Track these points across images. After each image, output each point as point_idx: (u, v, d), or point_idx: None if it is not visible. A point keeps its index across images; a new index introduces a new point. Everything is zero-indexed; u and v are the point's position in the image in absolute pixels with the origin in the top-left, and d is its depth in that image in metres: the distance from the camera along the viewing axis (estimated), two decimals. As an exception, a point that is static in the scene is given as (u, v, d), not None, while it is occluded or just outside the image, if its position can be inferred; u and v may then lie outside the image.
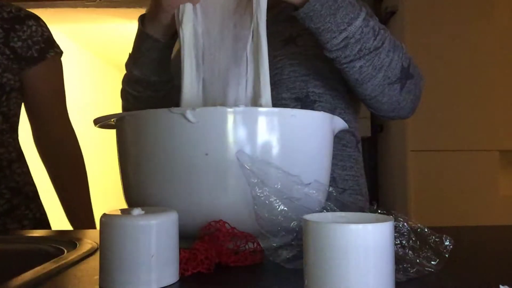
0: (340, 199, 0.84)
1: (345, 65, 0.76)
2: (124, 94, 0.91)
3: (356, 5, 0.75)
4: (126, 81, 0.88)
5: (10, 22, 1.05)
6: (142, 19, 0.83)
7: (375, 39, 0.75)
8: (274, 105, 0.86)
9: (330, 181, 0.86)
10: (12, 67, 1.04)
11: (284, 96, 0.87)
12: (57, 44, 1.13)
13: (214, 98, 0.70)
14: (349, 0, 0.74)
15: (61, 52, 1.14)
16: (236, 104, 0.65)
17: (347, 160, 0.91)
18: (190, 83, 0.70)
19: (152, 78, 0.84)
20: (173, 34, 0.82)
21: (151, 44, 0.80)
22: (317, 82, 0.87)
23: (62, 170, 1.15)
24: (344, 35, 0.73)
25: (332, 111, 0.88)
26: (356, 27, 0.73)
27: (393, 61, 0.77)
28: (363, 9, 0.75)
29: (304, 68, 0.88)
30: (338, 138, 0.89)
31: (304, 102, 0.87)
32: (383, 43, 0.76)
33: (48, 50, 1.09)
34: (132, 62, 0.85)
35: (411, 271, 0.47)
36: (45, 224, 1.11)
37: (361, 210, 0.91)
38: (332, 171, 0.88)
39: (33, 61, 1.06)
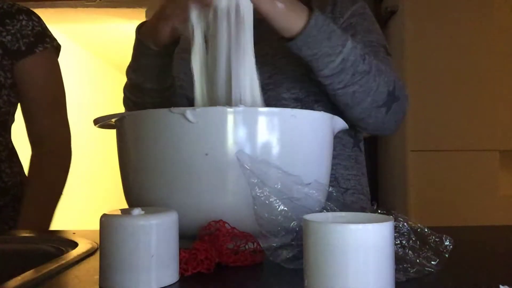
0: (341, 199, 0.85)
1: (339, 91, 0.77)
2: (126, 100, 0.91)
3: (341, 30, 0.76)
4: (127, 87, 0.88)
5: (0, 17, 1.04)
6: (139, 28, 0.82)
7: (363, 63, 0.76)
8: (274, 105, 0.86)
9: (332, 181, 0.86)
10: (3, 63, 1.02)
11: (284, 96, 0.87)
12: (51, 39, 1.09)
13: (219, 100, 0.70)
14: (336, 26, 0.75)
15: (56, 46, 1.10)
16: (236, 104, 0.65)
17: (347, 160, 0.92)
18: (200, 88, 0.69)
19: (149, 86, 0.83)
20: (171, 44, 0.81)
21: (147, 53, 0.80)
22: (317, 81, 0.88)
23: (43, 166, 1.09)
24: (341, 57, 0.74)
25: (332, 111, 0.88)
26: (349, 48, 0.74)
27: (380, 85, 0.78)
28: (347, 33, 0.77)
29: (303, 67, 0.88)
30: (339, 138, 0.90)
31: (305, 102, 0.87)
32: (371, 67, 0.77)
33: (37, 45, 1.05)
34: (131, 69, 0.85)
35: (411, 271, 0.47)
36: None
37: (363, 209, 0.92)
38: (335, 171, 0.88)
39: (20, 54, 1.04)
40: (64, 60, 1.15)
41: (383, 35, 0.95)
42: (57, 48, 1.11)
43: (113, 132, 0.66)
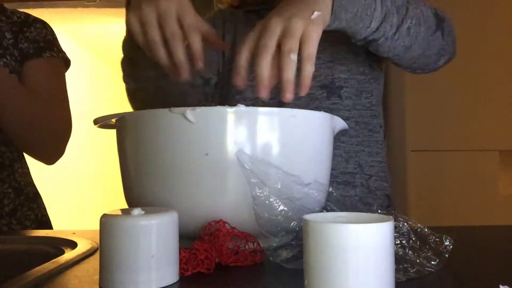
0: (364, 185, 0.85)
1: (395, 36, 0.72)
2: (123, 72, 0.82)
3: None
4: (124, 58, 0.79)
5: (19, 25, 1.08)
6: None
7: None
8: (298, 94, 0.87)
9: (356, 168, 0.86)
10: (18, 69, 1.05)
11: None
12: (60, 51, 1.12)
13: None
14: None
15: (64, 58, 1.12)
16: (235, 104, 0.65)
17: (374, 146, 0.90)
18: None
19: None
20: None
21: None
22: (343, 68, 0.87)
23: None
24: (379, 0, 0.69)
25: (358, 95, 0.88)
26: None
27: (423, 10, 0.75)
28: None
29: (328, 54, 0.87)
30: (365, 124, 0.89)
31: (330, 89, 0.86)
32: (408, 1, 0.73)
33: (46, 50, 1.08)
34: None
35: (411, 271, 0.47)
36: (47, 225, 1.11)
37: (388, 198, 0.92)
38: (358, 158, 0.87)
39: (28, 56, 1.06)
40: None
41: None
42: (65, 60, 1.13)
43: (113, 132, 0.66)
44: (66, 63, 1.14)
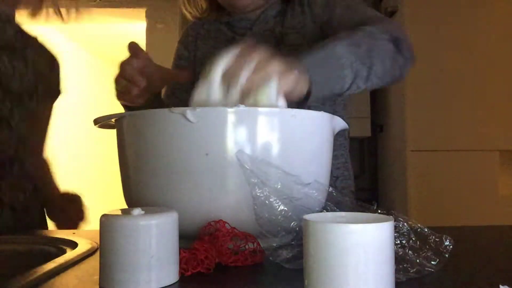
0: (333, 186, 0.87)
1: (367, 83, 0.76)
2: None
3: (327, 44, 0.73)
4: None
5: None
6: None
7: (360, 47, 0.73)
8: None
9: None
10: None
11: None
12: None
13: None
14: (325, 46, 0.72)
15: None
16: (236, 104, 0.65)
17: (338, 149, 0.95)
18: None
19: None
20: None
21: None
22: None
23: None
24: (348, 63, 0.71)
25: (323, 103, 0.92)
26: (345, 53, 0.71)
27: (382, 44, 0.76)
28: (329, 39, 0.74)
29: None
30: None
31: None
32: (367, 42, 0.75)
33: None
34: None
35: (411, 271, 0.47)
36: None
37: (352, 193, 0.99)
38: None
39: None
40: (64, 60, 1.16)
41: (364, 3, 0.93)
42: None
43: (113, 132, 0.66)
44: None
